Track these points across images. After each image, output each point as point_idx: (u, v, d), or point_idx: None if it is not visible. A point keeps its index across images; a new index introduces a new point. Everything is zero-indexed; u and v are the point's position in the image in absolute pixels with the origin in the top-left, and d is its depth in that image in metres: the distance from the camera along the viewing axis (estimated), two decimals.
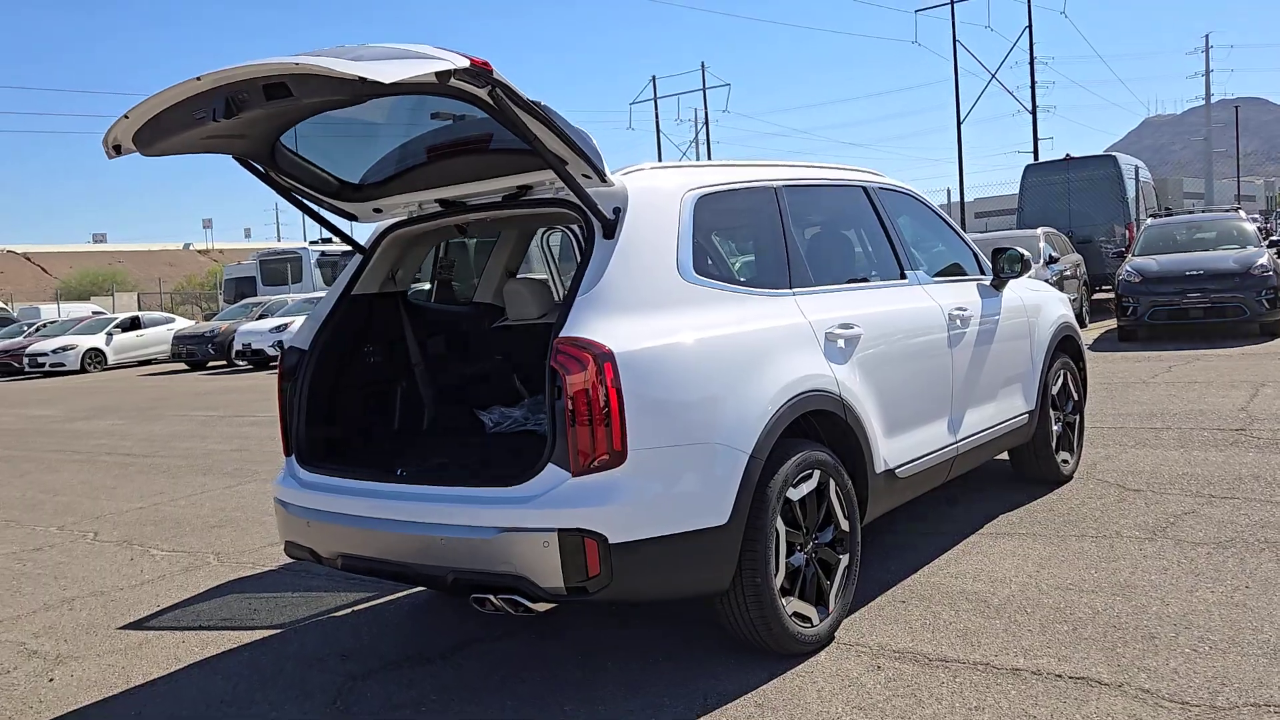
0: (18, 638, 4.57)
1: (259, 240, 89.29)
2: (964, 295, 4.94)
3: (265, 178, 3.81)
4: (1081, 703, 3.10)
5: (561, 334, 3.13)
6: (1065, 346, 5.83)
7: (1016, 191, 19.14)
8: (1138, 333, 12.93)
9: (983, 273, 5.31)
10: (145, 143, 3.28)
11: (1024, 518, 5.17)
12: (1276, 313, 12.09)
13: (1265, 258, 12.45)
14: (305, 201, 4.01)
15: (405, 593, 4.72)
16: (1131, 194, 18.07)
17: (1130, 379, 9.69)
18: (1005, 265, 5.28)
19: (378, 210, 4.08)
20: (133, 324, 27.76)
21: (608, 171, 3.38)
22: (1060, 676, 3.30)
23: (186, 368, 24.08)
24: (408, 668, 3.82)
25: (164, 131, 3.21)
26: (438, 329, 4.54)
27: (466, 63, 2.79)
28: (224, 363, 23.41)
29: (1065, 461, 5.82)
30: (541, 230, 5.28)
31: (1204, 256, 12.97)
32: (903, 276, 4.60)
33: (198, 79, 2.98)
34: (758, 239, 3.97)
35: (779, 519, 3.47)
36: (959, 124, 43.57)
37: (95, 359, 26.29)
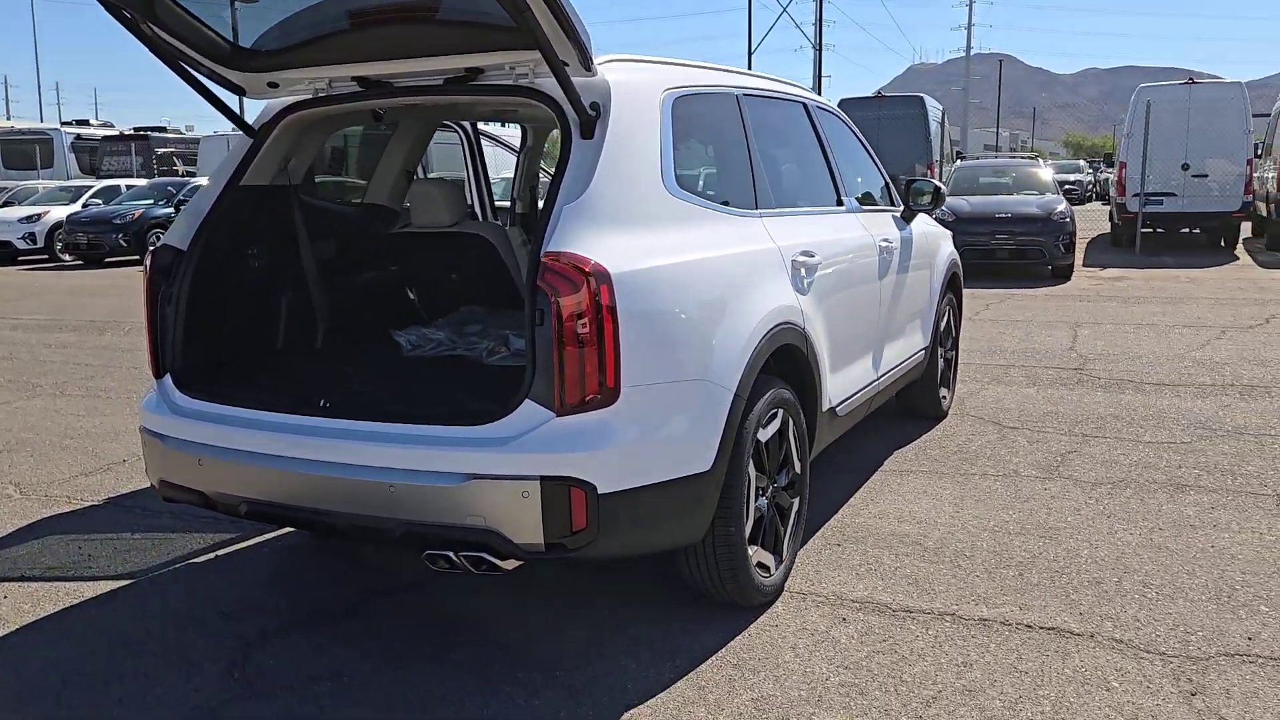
0: None
1: None
2: (886, 226, 4.76)
3: (141, 35, 3.03)
4: (1065, 656, 3.02)
5: (548, 248, 2.64)
6: (953, 284, 5.82)
7: None
8: None
9: (893, 203, 5.15)
10: None
11: (919, 455, 5.14)
12: (1069, 257, 12.95)
13: (1063, 205, 13.26)
14: (189, 69, 3.24)
15: (273, 534, 4.11)
16: (935, 135, 18.84)
17: None
18: (915, 198, 5.15)
19: (273, 85, 3.36)
20: None
21: (594, 60, 2.88)
22: (1030, 627, 3.21)
23: None
24: (311, 629, 3.27)
25: None
26: (328, 232, 3.88)
27: None
28: None
29: (944, 397, 5.86)
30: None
31: (1011, 200, 13.68)
32: (840, 203, 4.36)
33: None
34: (723, 151, 3.58)
35: (751, 463, 3.18)
36: (749, 55, 44.14)
37: None
